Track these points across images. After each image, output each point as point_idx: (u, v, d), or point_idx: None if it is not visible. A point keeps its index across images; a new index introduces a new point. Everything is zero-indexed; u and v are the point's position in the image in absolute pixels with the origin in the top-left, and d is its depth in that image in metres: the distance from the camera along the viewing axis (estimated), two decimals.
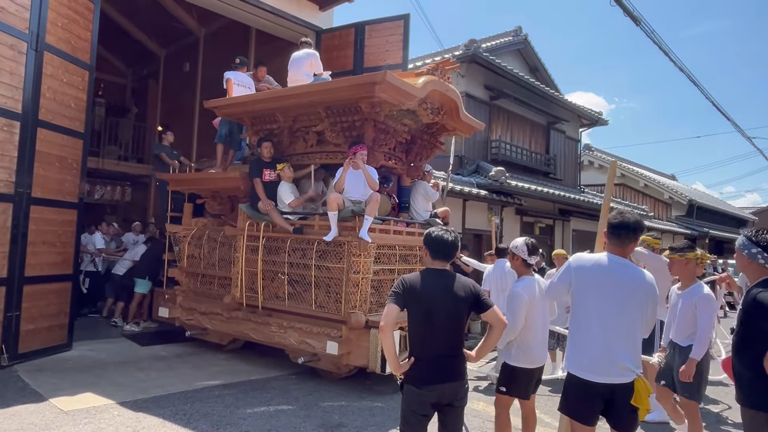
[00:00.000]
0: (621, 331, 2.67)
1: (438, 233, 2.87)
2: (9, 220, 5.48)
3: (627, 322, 2.68)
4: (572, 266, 2.82)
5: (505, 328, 2.85)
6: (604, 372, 2.63)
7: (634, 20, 8.79)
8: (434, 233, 2.87)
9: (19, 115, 5.56)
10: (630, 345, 2.69)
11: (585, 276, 2.77)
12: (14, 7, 5.45)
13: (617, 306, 2.67)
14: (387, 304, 2.73)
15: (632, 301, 2.69)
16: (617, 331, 2.66)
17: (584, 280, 2.76)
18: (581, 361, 2.71)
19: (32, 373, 5.32)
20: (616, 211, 2.90)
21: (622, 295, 2.68)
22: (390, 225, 5.97)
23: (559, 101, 15.69)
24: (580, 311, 2.78)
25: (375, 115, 5.63)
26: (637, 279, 2.73)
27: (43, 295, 5.96)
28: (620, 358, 2.63)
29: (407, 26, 8.56)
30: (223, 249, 6.76)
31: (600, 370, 2.64)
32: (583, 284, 2.77)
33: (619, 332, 2.66)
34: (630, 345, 2.69)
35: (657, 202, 23.13)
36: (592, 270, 2.76)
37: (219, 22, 11.38)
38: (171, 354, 6.60)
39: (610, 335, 2.65)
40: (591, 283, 2.74)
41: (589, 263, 2.80)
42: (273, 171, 6.17)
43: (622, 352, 2.64)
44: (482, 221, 11.28)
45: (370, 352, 5.15)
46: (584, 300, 2.75)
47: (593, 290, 2.72)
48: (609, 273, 2.72)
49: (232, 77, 7.16)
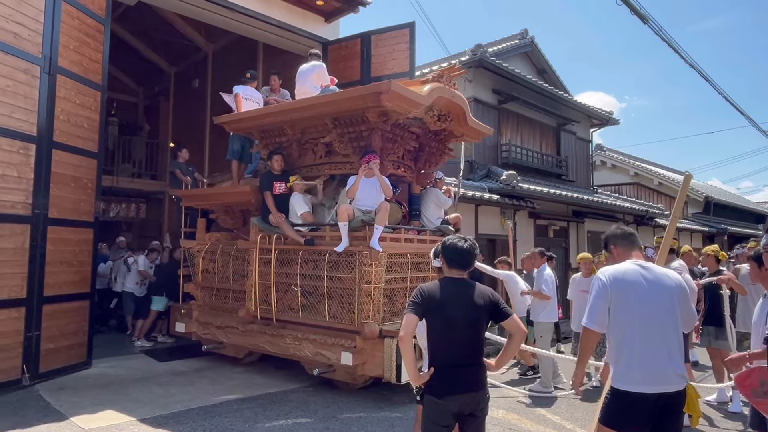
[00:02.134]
0: (667, 337, 2.61)
1: (452, 241, 2.85)
2: (27, 241, 5.57)
3: (670, 326, 2.63)
4: (606, 281, 2.72)
5: (525, 336, 2.80)
6: (657, 382, 2.55)
7: (642, 18, 8.73)
8: (449, 242, 2.85)
9: (35, 137, 5.66)
10: (677, 350, 2.63)
11: (622, 288, 2.68)
12: (27, 33, 5.57)
13: (659, 311, 2.62)
14: (405, 314, 2.70)
15: (671, 303, 2.65)
16: (663, 337, 2.60)
17: (622, 291, 2.67)
18: (632, 375, 2.58)
19: (53, 392, 5.37)
20: (616, 227, 3.03)
21: (661, 299, 2.63)
22: (401, 233, 5.96)
23: (568, 102, 15.59)
24: (623, 324, 2.66)
25: (382, 124, 5.65)
26: (666, 279, 2.70)
27: (62, 314, 6.03)
28: (672, 365, 2.58)
29: (413, 34, 8.60)
30: (236, 263, 6.79)
31: (653, 380, 2.55)
32: (622, 296, 2.67)
33: (666, 338, 2.60)
34: (677, 350, 2.63)
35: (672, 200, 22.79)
36: (627, 280, 2.69)
37: (227, 38, 11.51)
38: (189, 369, 6.64)
39: (658, 343, 2.59)
40: (630, 294, 2.66)
41: (620, 274, 2.72)
42: (283, 184, 6.20)
43: (672, 360, 2.59)
44: (495, 226, 11.21)
45: (385, 361, 5.13)
46: (626, 312, 2.65)
47: (634, 300, 2.64)
48: (643, 279, 2.67)
49: (240, 92, 7.21)
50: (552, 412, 5.34)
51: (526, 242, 12.15)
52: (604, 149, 24.02)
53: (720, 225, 21.95)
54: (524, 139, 14.50)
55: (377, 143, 5.85)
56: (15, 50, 5.43)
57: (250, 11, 8.39)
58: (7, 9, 5.34)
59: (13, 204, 5.44)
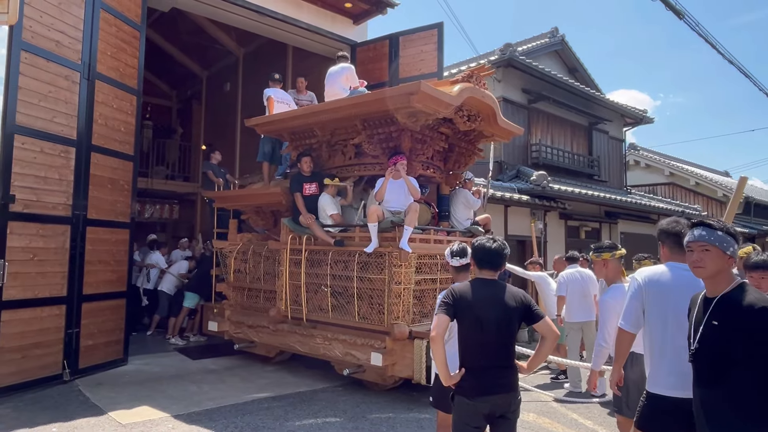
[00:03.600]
0: None
1: (481, 242, 2.86)
2: (67, 241, 5.77)
3: None
4: (641, 282, 2.67)
5: (557, 339, 2.77)
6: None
7: (677, 14, 8.49)
8: (478, 243, 2.86)
9: (74, 141, 5.86)
10: None
11: (658, 289, 2.62)
12: (68, 41, 5.77)
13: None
14: (437, 314, 2.71)
15: None
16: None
17: (658, 293, 2.61)
18: (668, 380, 2.52)
19: (92, 387, 5.55)
20: (671, 220, 2.79)
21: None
22: (430, 234, 5.94)
23: (600, 101, 15.29)
24: (657, 326, 2.60)
25: (411, 125, 5.63)
26: None
27: (100, 312, 6.22)
28: None
29: (441, 35, 8.56)
30: (267, 263, 6.88)
31: (689, 385, 2.41)
32: (657, 298, 2.61)
33: None
34: None
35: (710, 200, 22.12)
36: (664, 282, 2.62)
37: (257, 41, 11.69)
38: (221, 367, 6.76)
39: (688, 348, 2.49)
40: (666, 295, 2.59)
41: (657, 275, 2.66)
42: (313, 185, 6.25)
43: None
44: (525, 227, 11.07)
45: (415, 363, 5.12)
46: (660, 315, 2.59)
47: (670, 302, 2.57)
48: (681, 281, 2.58)
49: (272, 95, 7.31)
50: (585, 417, 5.24)
51: (557, 243, 11.97)
52: (638, 148, 23.44)
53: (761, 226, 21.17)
54: (555, 139, 14.28)
55: (406, 144, 5.85)
56: (56, 57, 5.64)
57: (280, 15, 8.50)
58: (49, 18, 5.54)
59: (54, 205, 5.64)
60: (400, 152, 5.69)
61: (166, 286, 8.75)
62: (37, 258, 5.45)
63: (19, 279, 5.26)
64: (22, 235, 5.29)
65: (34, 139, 5.40)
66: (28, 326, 5.36)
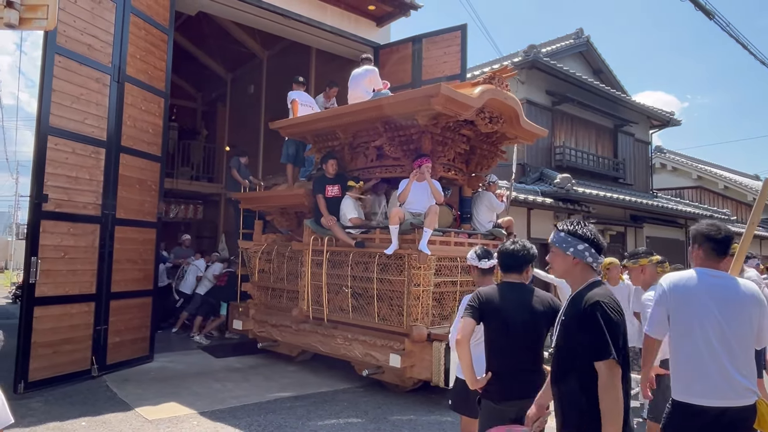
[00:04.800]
0: (733, 348, 2.44)
1: (505, 246, 2.87)
2: (97, 240, 5.91)
3: (737, 337, 2.45)
4: (666, 288, 2.58)
5: None
6: (719, 395, 2.39)
7: (707, 14, 8.32)
8: (502, 248, 2.87)
9: (104, 142, 6.00)
10: (744, 362, 2.46)
11: (683, 295, 2.54)
12: (99, 44, 5.92)
13: (725, 321, 2.45)
14: (463, 317, 2.71)
15: (740, 314, 2.47)
16: (729, 348, 2.43)
17: (683, 299, 2.54)
18: (693, 387, 2.45)
19: (119, 383, 5.67)
20: (710, 224, 2.65)
21: (728, 309, 2.46)
22: (451, 237, 5.92)
23: (625, 103, 15.05)
24: (682, 333, 2.53)
25: (432, 127, 5.64)
26: (739, 289, 2.52)
27: (128, 310, 6.36)
28: (737, 377, 2.40)
29: (464, 36, 8.54)
30: (290, 263, 6.95)
31: (714, 393, 2.40)
32: (682, 304, 2.53)
33: (731, 349, 2.43)
34: (744, 362, 2.46)
35: (739, 204, 21.57)
36: (690, 287, 2.54)
37: (281, 44, 11.81)
38: (244, 366, 6.84)
39: (722, 354, 2.43)
40: (692, 301, 2.51)
41: (683, 281, 2.58)
42: (336, 187, 6.30)
43: (737, 371, 2.41)
44: (548, 230, 10.92)
45: (434, 365, 5.11)
46: (685, 321, 2.51)
47: (696, 308, 2.50)
48: (709, 288, 2.51)
49: (297, 97, 7.39)
50: None
51: None
52: (665, 151, 22.99)
53: None
54: (579, 141, 14.10)
55: (427, 146, 5.84)
56: (88, 60, 5.79)
57: (304, 18, 8.58)
58: (81, 23, 5.70)
59: (84, 205, 5.79)
60: (424, 154, 5.68)
61: (202, 290, 8.96)
62: (68, 256, 5.60)
63: (51, 276, 5.41)
64: (54, 233, 5.44)
65: (66, 140, 5.55)
66: (59, 322, 5.50)
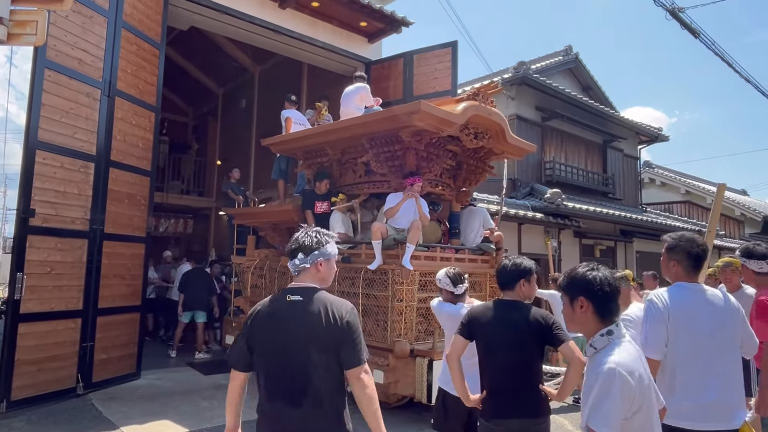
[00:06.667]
0: (721, 368, 2.39)
1: (502, 264, 2.89)
2: (84, 255, 5.84)
3: (726, 355, 2.41)
4: (659, 304, 2.51)
5: (583, 365, 2.52)
6: (708, 417, 2.33)
7: (693, 33, 8.48)
8: (499, 266, 2.91)
9: (94, 156, 5.96)
10: (733, 382, 2.41)
11: (676, 312, 2.47)
12: (90, 59, 5.91)
13: (713, 338, 2.40)
14: (455, 334, 2.75)
15: (726, 329, 2.43)
16: (717, 368, 2.38)
17: (676, 317, 2.46)
18: (681, 408, 2.36)
19: (105, 402, 5.56)
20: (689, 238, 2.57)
21: (715, 325, 2.42)
22: (437, 252, 5.94)
23: (614, 119, 15.24)
24: (670, 352, 2.46)
25: (416, 143, 5.73)
26: (721, 302, 2.48)
27: (115, 326, 6.26)
28: (726, 398, 2.36)
29: (455, 53, 8.63)
30: (282, 279, 6.93)
31: (703, 416, 2.33)
32: (677, 322, 2.45)
33: (720, 369, 2.39)
34: (733, 382, 2.41)
35: (728, 219, 21.81)
36: (677, 305, 2.47)
37: (273, 59, 11.87)
38: None
39: (710, 375, 2.37)
40: (680, 319, 2.45)
41: (677, 297, 2.51)
42: (325, 203, 6.34)
43: (726, 392, 2.37)
44: (539, 245, 10.98)
45: (417, 381, 5.09)
46: (676, 339, 2.43)
47: (683, 326, 2.43)
48: (695, 304, 2.46)
49: (290, 116, 7.54)
50: None
51: (571, 262, 11.82)
52: (653, 166, 23.26)
53: None
54: (569, 157, 14.23)
55: (412, 162, 5.90)
56: (78, 75, 5.77)
57: (296, 34, 8.64)
58: (72, 37, 5.68)
59: (72, 219, 5.72)
60: (416, 173, 5.71)
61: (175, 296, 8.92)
62: (55, 272, 5.52)
63: (37, 292, 5.32)
64: (41, 248, 5.37)
65: (54, 155, 5.50)
66: (44, 339, 5.40)
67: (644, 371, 1.71)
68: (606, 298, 1.79)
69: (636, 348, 1.78)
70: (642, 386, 1.66)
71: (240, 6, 7.92)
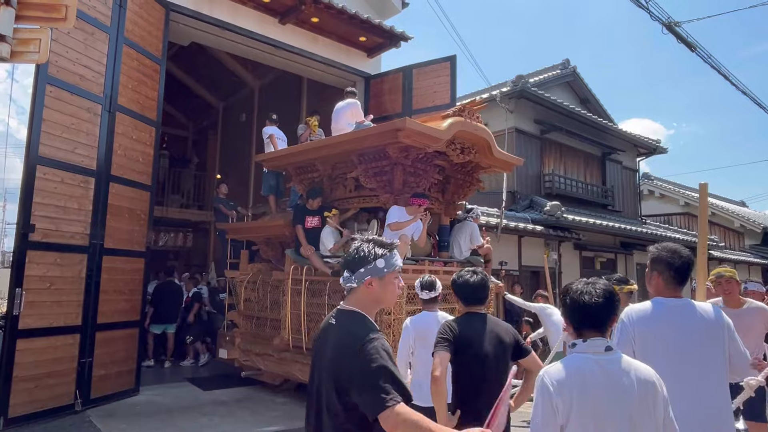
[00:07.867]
0: (703, 389, 2.19)
1: (462, 277, 2.81)
2: (84, 270, 5.82)
3: (709, 374, 2.20)
4: (628, 323, 2.32)
5: None
6: None
7: (689, 47, 8.56)
8: (460, 279, 2.81)
9: (94, 171, 5.97)
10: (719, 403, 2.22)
11: (646, 330, 2.27)
12: (91, 74, 5.95)
13: (686, 358, 2.20)
14: (437, 351, 2.57)
15: (704, 347, 2.21)
16: (699, 389, 2.18)
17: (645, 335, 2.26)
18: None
19: (103, 419, 5.50)
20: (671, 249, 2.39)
21: (689, 343, 2.21)
22: (425, 265, 5.96)
23: (612, 131, 15.32)
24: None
25: (403, 159, 5.80)
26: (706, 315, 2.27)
27: (113, 342, 6.22)
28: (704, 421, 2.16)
29: (454, 67, 8.69)
30: (274, 292, 6.93)
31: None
32: (645, 342, 2.26)
33: (701, 390, 2.18)
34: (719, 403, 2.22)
35: (727, 231, 21.82)
36: (643, 324, 2.28)
37: (272, 74, 11.95)
38: (230, 399, 6.68)
39: (693, 396, 2.16)
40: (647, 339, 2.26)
41: (646, 313, 2.31)
42: (316, 218, 6.37)
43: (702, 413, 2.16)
44: (539, 258, 10.97)
45: None
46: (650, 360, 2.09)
47: (650, 347, 2.24)
48: (666, 322, 2.25)
49: (273, 132, 7.71)
50: None
51: (571, 274, 11.82)
52: (652, 178, 23.33)
53: None
54: (568, 169, 14.28)
55: (399, 177, 5.98)
56: (80, 90, 5.80)
57: (296, 49, 8.71)
58: (74, 53, 5.73)
59: (72, 235, 5.72)
60: (423, 195, 5.76)
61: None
62: (54, 287, 5.50)
63: (36, 308, 5.30)
64: (40, 264, 5.35)
65: (55, 170, 5.51)
66: (43, 355, 5.36)
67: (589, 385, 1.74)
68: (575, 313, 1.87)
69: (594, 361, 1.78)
70: (572, 398, 1.72)
71: (240, 22, 7.99)
